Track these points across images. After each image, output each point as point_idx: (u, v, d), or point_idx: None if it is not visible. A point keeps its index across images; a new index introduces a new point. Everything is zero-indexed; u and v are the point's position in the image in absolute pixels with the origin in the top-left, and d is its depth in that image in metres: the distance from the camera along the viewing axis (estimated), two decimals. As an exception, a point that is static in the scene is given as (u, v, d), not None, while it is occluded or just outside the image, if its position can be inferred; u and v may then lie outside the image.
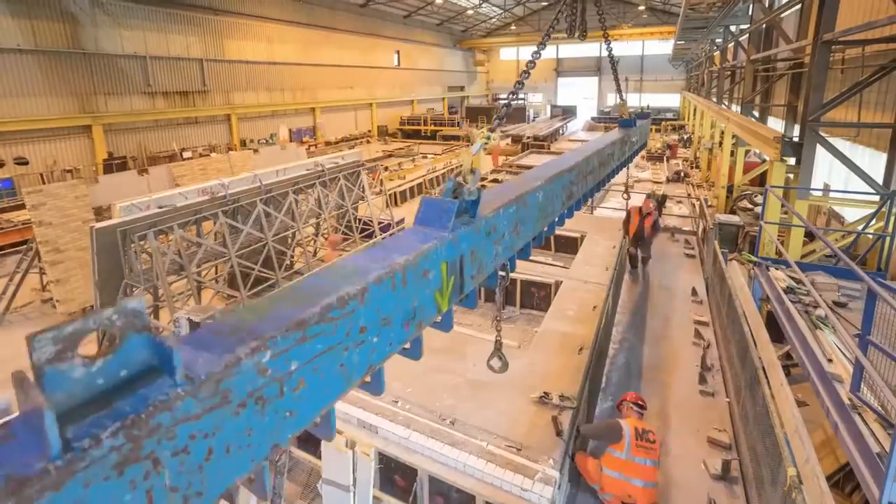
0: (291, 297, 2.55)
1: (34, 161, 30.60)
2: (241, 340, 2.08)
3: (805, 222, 11.04)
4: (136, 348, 1.73)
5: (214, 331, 2.18)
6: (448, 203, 3.70)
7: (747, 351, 9.17)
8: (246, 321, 2.27)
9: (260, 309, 2.42)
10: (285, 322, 2.27)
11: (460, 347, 9.88)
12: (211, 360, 1.92)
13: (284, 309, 2.40)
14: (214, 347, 2.01)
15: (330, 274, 2.92)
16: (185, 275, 14.70)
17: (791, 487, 5.92)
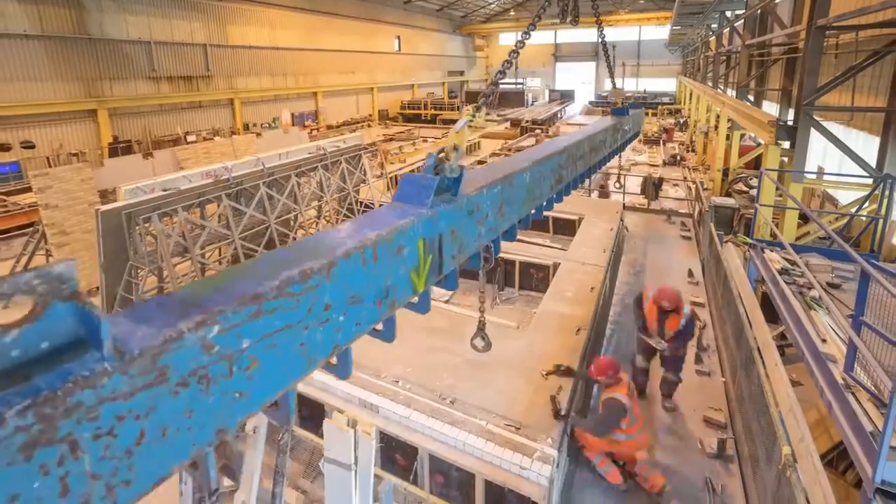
0: (252, 269, 2.41)
1: (41, 145, 30.56)
2: (187, 314, 1.92)
3: (799, 205, 11.03)
4: (60, 318, 1.57)
5: (160, 303, 2.02)
6: (428, 179, 3.58)
7: (742, 331, 9.15)
8: (197, 294, 2.13)
9: (216, 281, 2.28)
10: (239, 295, 2.11)
11: (460, 328, 9.84)
12: (149, 334, 1.76)
13: (241, 282, 2.24)
14: (155, 320, 1.85)
15: (297, 247, 2.79)
16: (189, 257, 14.62)
17: (786, 466, 5.90)
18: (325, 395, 8.03)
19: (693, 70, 60.63)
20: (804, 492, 5.60)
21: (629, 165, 31.16)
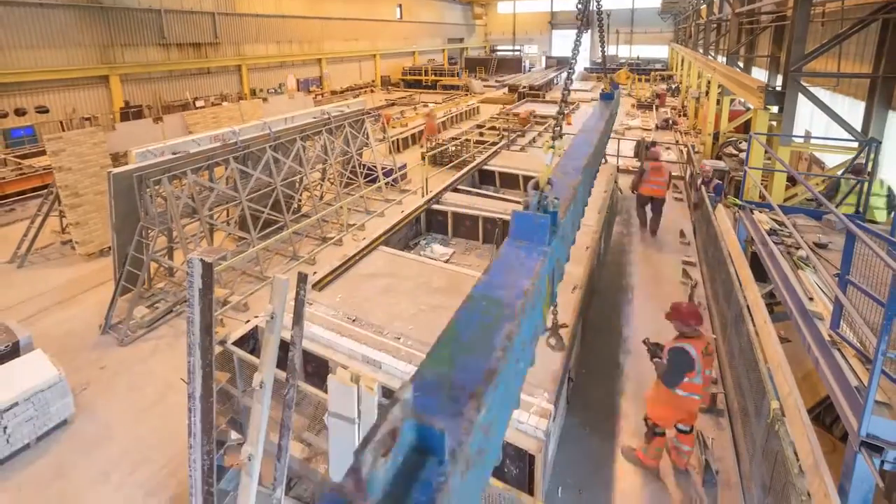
0: (462, 337, 2.65)
1: (54, 109, 30.43)
2: (457, 398, 2.13)
3: (787, 168, 10.95)
4: (407, 436, 1.74)
5: (423, 389, 2.21)
6: (541, 218, 3.70)
7: (732, 290, 9.13)
8: (443, 374, 2.31)
9: (443, 358, 2.46)
10: (480, 373, 2.31)
11: (460, 286, 9.79)
12: (452, 428, 1.93)
13: (467, 357, 2.44)
14: (442, 411, 2.06)
15: (477, 308, 2.98)
16: (197, 217, 14.63)
17: (774, 419, 5.90)
18: (329, 351, 8.00)
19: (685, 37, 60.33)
20: (792, 445, 5.59)
21: (623, 129, 30.96)
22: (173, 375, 10.67)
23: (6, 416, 8.71)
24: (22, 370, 9.41)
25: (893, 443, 5.22)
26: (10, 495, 8.28)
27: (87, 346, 11.90)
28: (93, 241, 16.41)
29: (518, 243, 3.68)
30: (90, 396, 10.41)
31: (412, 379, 2.34)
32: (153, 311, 13.11)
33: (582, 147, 6.89)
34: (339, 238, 17.64)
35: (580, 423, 8.68)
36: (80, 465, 8.81)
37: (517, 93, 49.46)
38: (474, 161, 19.43)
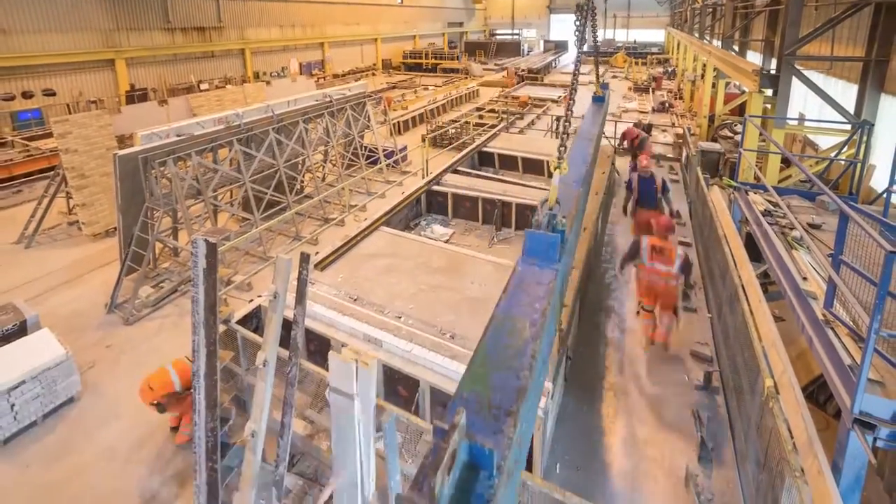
0: (492, 358, 2.93)
1: (61, 92, 30.25)
2: (498, 418, 2.40)
3: (781, 149, 10.90)
4: (462, 453, 2.04)
5: (469, 409, 2.47)
6: (552, 238, 3.96)
7: (728, 270, 9.10)
8: (481, 395, 2.61)
9: (480, 378, 2.77)
10: (513, 391, 2.60)
11: (459, 266, 9.78)
12: (496, 444, 2.20)
13: (499, 375, 2.75)
14: (485, 429, 2.34)
15: (503, 328, 3.28)
16: (202, 198, 14.64)
17: (768, 397, 5.88)
18: (331, 330, 7.99)
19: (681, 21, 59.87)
20: (786, 422, 5.58)
21: (620, 112, 30.86)
22: (178, 354, 10.60)
23: (14, 393, 8.70)
24: (29, 349, 9.38)
25: (886, 420, 5.21)
26: (18, 471, 8.26)
27: (94, 325, 11.87)
28: (99, 222, 16.39)
29: (531, 261, 3.95)
30: (96, 374, 10.38)
31: (455, 398, 2.72)
32: (158, 290, 13.08)
33: (580, 156, 6.99)
34: (341, 219, 17.56)
35: (578, 400, 8.66)
36: (85, 441, 8.79)
37: (516, 76, 49.24)
38: (474, 143, 19.41)
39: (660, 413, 8.17)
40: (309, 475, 8.04)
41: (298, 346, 6.55)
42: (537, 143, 20.48)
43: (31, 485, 8.06)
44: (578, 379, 9.16)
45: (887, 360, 5.53)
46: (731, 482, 6.99)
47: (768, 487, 5.63)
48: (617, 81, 46.52)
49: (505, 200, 13.56)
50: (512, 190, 14.11)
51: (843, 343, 6.20)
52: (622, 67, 55.68)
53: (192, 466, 7.18)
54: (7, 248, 15.98)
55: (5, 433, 8.70)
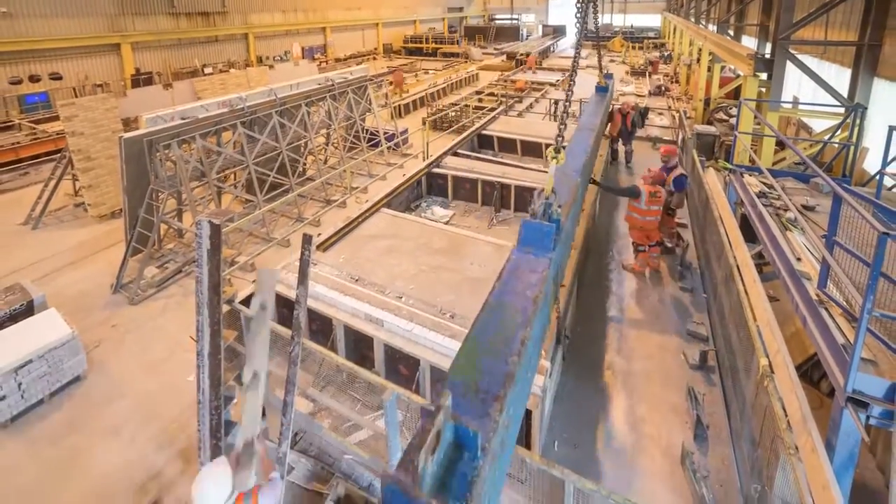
0: (483, 341, 2.99)
1: (67, 76, 30.22)
2: (485, 402, 2.45)
3: (776, 132, 10.85)
4: (447, 433, 2.07)
5: (456, 393, 2.53)
6: (547, 227, 3.98)
7: (723, 251, 9.07)
8: (469, 379, 2.66)
9: (470, 363, 2.82)
10: (501, 376, 2.62)
11: (459, 247, 9.74)
12: (483, 425, 2.25)
13: (488, 360, 2.79)
14: (472, 412, 2.38)
15: (495, 314, 3.27)
16: (206, 181, 14.57)
17: (763, 376, 5.87)
18: (332, 310, 7.96)
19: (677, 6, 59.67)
20: (780, 400, 5.56)
21: (617, 96, 30.69)
22: (182, 333, 10.63)
23: (21, 372, 8.68)
24: (36, 328, 9.37)
25: (879, 398, 5.19)
26: (25, 448, 8.26)
27: (99, 305, 11.85)
28: (105, 204, 16.37)
29: (527, 249, 3.96)
30: (102, 353, 10.37)
31: (444, 383, 2.76)
32: (163, 271, 13.06)
33: (580, 146, 6.97)
34: (343, 200, 17.51)
35: (576, 379, 8.64)
36: (92, 420, 8.79)
37: (515, 60, 49.04)
38: (473, 126, 19.35)
39: (656, 391, 8.16)
40: (311, 452, 8.04)
41: (301, 326, 6.52)
42: (536, 126, 20.42)
43: (38, 461, 8.05)
44: (576, 357, 9.13)
45: (880, 340, 5.52)
46: (726, 460, 6.98)
47: (763, 465, 5.62)
48: (614, 65, 46.28)
49: (504, 182, 13.53)
50: (511, 172, 14.08)
51: (837, 323, 6.18)
52: (619, 52, 55.48)
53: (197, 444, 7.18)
54: (14, 230, 15.96)
55: (13, 411, 8.69)
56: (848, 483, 5.40)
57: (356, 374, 6.42)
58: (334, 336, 7.99)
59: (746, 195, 10.67)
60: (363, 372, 6.32)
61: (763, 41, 27.30)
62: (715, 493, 6.29)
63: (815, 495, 4.63)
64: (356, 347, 7.99)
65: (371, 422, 6.60)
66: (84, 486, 7.64)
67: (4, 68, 27.46)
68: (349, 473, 7.60)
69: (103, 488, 7.62)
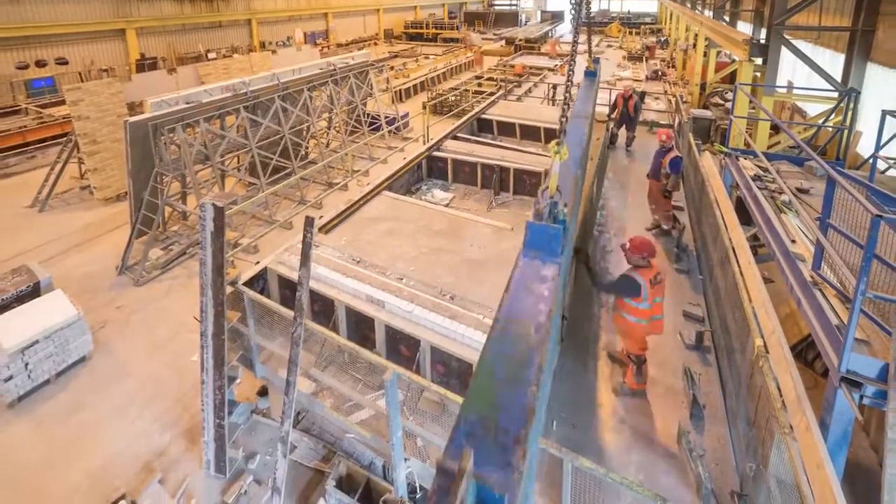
0: (496, 369, 2.71)
1: (73, 61, 30.07)
2: (506, 447, 2.21)
3: (771, 116, 10.86)
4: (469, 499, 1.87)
5: (472, 435, 2.30)
6: (553, 230, 3.77)
7: (719, 233, 9.04)
8: (487, 416, 2.39)
9: (484, 398, 2.53)
10: (521, 411, 2.39)
11: (459, 230, 9.70)
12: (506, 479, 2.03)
13: (506, 394, 2.52)
14: (492, 461, 2.13)
15: (504, 334, 3.02)
16: (209, 164, 14.61)
17: (758, 356, 5.85)
18: (334, 291, 7.92)
19: (674, -8, 59.45)
20: (775, 380, 5.54)
21: (615, 80, 30.55)
22: (186, 314, 10.61)
23: (28, 352, 8.67)
24: (42, 309, 9.34)
25: (872, 378, 5.19)
26: (32, 427, 8.26)
27: (105, 287, 11.83)
28: (110, 187, 16.36)
29: (533, 254, 3.77)
30: (107, 334, 10.36)
31: (459, 421, 2.45)
32: (167, 253, 13.04)
33: (576, 136, 6.90)
34: (345, 183, 17.50)
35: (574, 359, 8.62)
36: (97, 399, 8.79)
37: (513, 45, 48.82)
38: (473, 110, 19.26)
39: (653, 372, 8.14)
40: (313, 431, 8.04)
41: (303, 307, 6.48)
42: (534, 110, 20.31)
43: (45, 440, 8.05)
44: (575, 338, 9.11)
45: (873, 321, 5.50)
46: (722, 439, 6.97)
47: (758, 444, 5.61)
48: (612, 51, 46.15)
49: (503, 166, 13.47)
50: (510, 155, 14.01)
51: (831, 304, 6.17)
52: (616, 37, 55.26)
53: (201, 423, 7.17)
54: (21, 212, 15.94)
55: (20, 391, 8.70)
56: (842, 461, 5.40)
57: (358, 354, 6.39)
58: (336, 317, 7.95)
59: (742, 178, 10.64)
60: (364, 352, 6.29)
61: (758, 26, 27.23)
62: (711, 472, 6.28)
63: (810, 474, 4.61)
64: (358, 328, 7.96)
65: (372, 401, 6.56)
66: (90, 465, 7.64)
67: (11, 53, 27.32)
68: (351, 452, 7.60)
69: (109, 467, 7.62)
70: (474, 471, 1.96)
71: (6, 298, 9.95)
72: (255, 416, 8.26)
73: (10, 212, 15.98)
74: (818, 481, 4.50)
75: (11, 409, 8.61)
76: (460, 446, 2.22)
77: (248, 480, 7.26)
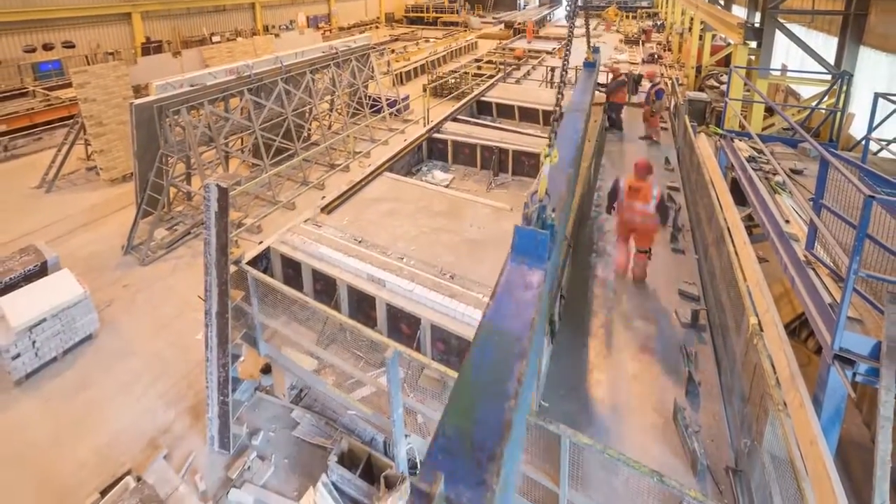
0: (476, 380, 2.67)
1: (80, 45, 30.08)
2: (480, 464, 2.16)
3: (765, 99, 10.81)
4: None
5: (448, 451, 2.26)
6: (541, 235, 3.72)
7: (714, 213, 8.99)
8: (464, 431, 2.35)
9: (462, 411, 2.49)
10: (499, 425, 2.36)
11: (458, 210, 9.66)
12: (478, 497, 2.02)
13: (484, 406, 2.49)
14: (467, 478, 2.10)
15: (488, 345, 2.96)
16: (214, 145, 14.59)
17: (753, 334, 5.83)
18: (336, 270, 7.89)
19: (670, -24, 59.13)
20: (769, 358, 5.51)
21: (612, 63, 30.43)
22: (191, 293, 10.59)
23: (35, 331, 8.65)
24: (50, 288, 9.31)
25: (865, 356, 5.14)
26: (40, 405, 8.26)
27: (111, 266, 11.82)
28: (116, 168, 16.34)
29: (520, 259, 3.74)
30: (113, 313, 10.35)
31: (437, 433, 2.41)
32: (172, 232, 13.03)
33: (571, 130, 6.86)
34: (346, 165, 17.47)
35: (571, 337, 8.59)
36: (103, 377, 8.78)
37: (512, 29, 48.56)
38: (473, 93, 19.19)
39: (649, 349, 8.11)
40: (315, 408, 8.02)
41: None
42: (533, 92, 20.22)
43: (52, 417, 8.05)
44: (571, 316, 9.08)
45: (866, 299, 5.49)
46: (717, 415, 6.95)
47: (753, 420, 5.59)
48: (608, 34, 45.91)
49: (502, 147, 13.43)
50: (509, 137, 13.96)
51: (824, 283, 6.12)
52: (614, 20, 54.98)
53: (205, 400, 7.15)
54: (28, 193, 15.92)
55: (27, 368, 8.70)
56: (835, 438, 5.38)
57: (359, 332, 6.36)
58: (338, 296, 7.92)
59: (736, 159, 10.59)
60: (366, 330, 6.26)
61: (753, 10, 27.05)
62: (706, 448, 6.26)
63: (804, 449, 4.59)
64: (359, 307, 7.93)
65: (373, 379, 6.54)
66: (96, 441, 7.64)
67: (19, 37, 27.28)
68: (352, 428, 7.60)
69: (115, 443, 7.62)
70: (445, 494, 1.91)
71: (14, 277, 9.93)
72: (258, 393, 8.26)
73: (18, 193, 15.95)
74: (811, 457, 4.48)
75: (19, 386, 8.61)
76: (435, 463, 2.19)
77: (251, 456, 7.26)
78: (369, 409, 6.45)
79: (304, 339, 7.17)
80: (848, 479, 5.74)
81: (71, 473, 7.20)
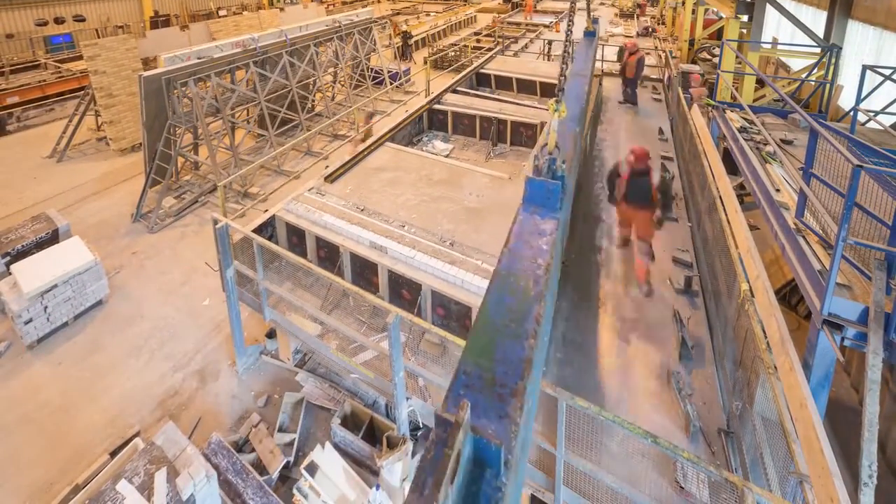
0: (495, 320, 2.59)
1: (90, 18, 29.83)
2: (503, 398, 2.11)
3: (756, 71, 10.78)
4: (467, 448, 1.78)
5: (470, 387, 2.20)
6: (552, 185, 3.67)
7: (706, 182, 8.92)
8: (484, 367, 2.28)
9: (484, 350, 2.40)
10: (518, 363, 2.28)
11: (458, 179, 9.58)
12: (502, 433, 1.96)
13: (503, 344, 2.41)
14: (490, 412, 2.05)
15: (505, 288, 2.89)
16: (220, 116, 14.52)
17: (744, 300, 5.79)
18: (340, 238, 7.83)
19: (664, -49, 58.43)
20: (760, 323, 5.48)
21: (607, 36, 30.11)
22: (198, 260, 10.54)
23: (47, 296, 8.62)
24: (61, 255, 9.26)
25: (853, 321, 5.15)
26: (51, 368, 8.25)
27: (120, 234, 11.77)
28: (125, 138, 16.29)
29: (533, 209, 3.68)
30: (123, 279, 10.32)
31: (457, 372, 2.31)
32: (180, 201, 12.98)
33: (574, 94, 6.79)
34: (350, 135, 17.29)
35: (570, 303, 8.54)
36: (113, 341, 8.76)
37: (511, 3, 48.14)
38: (472, 65, 19.02)
39: (644, 314, 8.06)
40: (319, 372, 8.00)
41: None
42: (531, 65, 20.05)
43: (64, 380, 8.04)
44: (571, 282, 9.02)
45: (854, 266, 5.51)
46: (709, 378, 6.91)
47: (744, 383, 5.56)
48: (604, 8, 45.49)
49: (501, 118, 13.33)
50: (507, 108, 13.86)
51: (814, 250, 6.11)
52: (610, -4, 54.52)
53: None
54: (40, 163, 15.86)
55: (39, 333, 8.68)
56: (824, 400, 5.38)
57: (362, 297, 6.30)
58: (341, 262, 7.88)
59: (728, 130, 10.53)
60: (368, 296, 6.20)
61: (745, -16, 26.81)
62: (699, 410, 6.22)
63: (793, 412, 4.56)
64: (362, 273, 7.89)
65: (376, 343, 6.50)
66: (106, 403, 7.63)
67: (31, 11, 27.00)
68: (355, 392, 7.58)
69: (125, 405, 7.61)
70: (471, 423, 1.83)
71: (26, 244, 9.88)
72: (263, 356, 8.24)
73: (31, 162, 15.89)
74: (801, 419, 4.45)
75: (31, 350, 8.59)
76: (458, 397, 2.11)
77: (256, 420, 7.26)
78: (371, 373, 6.42)
79: (308, 304, 7.12)
80: (836, 440, 5.75)
81: (81, 434, 7.20)
